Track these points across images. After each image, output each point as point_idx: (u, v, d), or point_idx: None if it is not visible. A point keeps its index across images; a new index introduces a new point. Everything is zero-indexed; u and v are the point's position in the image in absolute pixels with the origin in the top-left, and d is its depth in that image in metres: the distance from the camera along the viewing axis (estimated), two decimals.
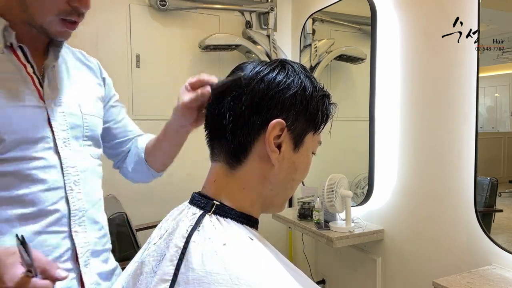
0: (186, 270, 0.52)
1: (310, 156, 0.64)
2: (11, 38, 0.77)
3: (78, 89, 0.89)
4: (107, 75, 1.02)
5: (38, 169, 0.77)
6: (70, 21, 0.79)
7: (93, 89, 0.95)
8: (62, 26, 0.79)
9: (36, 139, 0.78)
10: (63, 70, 0.88)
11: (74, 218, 0.83)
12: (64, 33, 0.81)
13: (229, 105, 0.58)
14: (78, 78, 0.92)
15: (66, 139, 0.82)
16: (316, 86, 0.61)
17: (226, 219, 0.57)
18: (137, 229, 1.96)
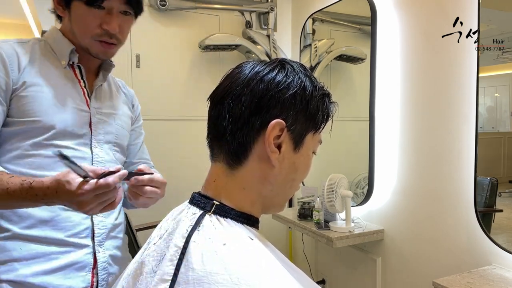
0: (186, 270, 0.52)
1: (311, 156, 0.64)
2: (74, 58, 0.98)
3: (116, 106, 1.09)
4: (137, 104, 1.22)
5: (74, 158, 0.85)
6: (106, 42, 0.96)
7: (126, 109, 1.14)
8: (100, 46, 0.96)
9: (79, 135, 0.96)
10: (107, 90, 1.08)
11: None
12: (104, 53, 0.98)
13: (228, 106, 0.58)
14: (118, 99, 1.12)
15: (100, 140, 1.01)
16: (316, 86, 0.61)
17: (226, 219, 0.57)
18: (137, 229, 1.96)
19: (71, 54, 0.98)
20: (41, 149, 0.91)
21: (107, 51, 0.99)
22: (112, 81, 1.13)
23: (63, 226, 0.92)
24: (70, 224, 0.93)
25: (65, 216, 0.93)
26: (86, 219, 0.96)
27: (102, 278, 0.98)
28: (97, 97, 1.03)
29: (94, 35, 0.94)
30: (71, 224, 0.93)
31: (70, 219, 0.93)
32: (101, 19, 0.93)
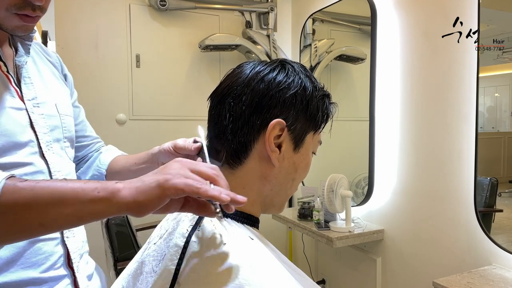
0: (187, 270, 0.52)
1: (311, 156, 0.64)
2: None
3: (50, 87, 0.84)
4: (68, 72, 0.95)
5: (28, 175, 0.72)
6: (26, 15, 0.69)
7: (61, 87, 0.89)
8: (19, 21, 0.69)
9: (23, 143, 0.72)
10: (33, 66, 0.81)
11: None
12: (22, 28, 0.72)
13: (229, 105, 0.58)
14: (47, 74, 0.85)
15: (48, 142, 0.78)
16: (316, 86, 0.61)
17: (226, 218, 0.57)
18: (137, 229, 1.96)
19: None
20: None
21: (28, 26, 0.72)
22: (34, 50, 0.84)
23: (34, 262, 0.74)
24: (42, 256, 0.75)
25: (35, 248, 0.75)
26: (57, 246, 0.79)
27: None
28: (27, 84, 0.77)
29: (10, 7, 0.67)
30: (43, 256, 0.76)
31: (41, 251, 0.75)
32: None
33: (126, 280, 0.62)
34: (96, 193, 0.47)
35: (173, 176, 0.46)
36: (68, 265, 0.81)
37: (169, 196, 0.46)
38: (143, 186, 0.47)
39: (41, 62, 0.86)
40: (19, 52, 0.78)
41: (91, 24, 2.19)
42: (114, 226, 1.73)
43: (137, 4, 2.29)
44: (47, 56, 0.90)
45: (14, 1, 0.67)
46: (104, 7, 2.22)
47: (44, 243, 0.76)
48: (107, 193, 0.47)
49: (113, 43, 2.25)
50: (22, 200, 0.46)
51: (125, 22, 2.27)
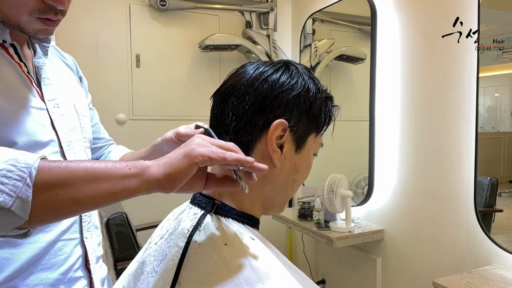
0: (187, 270, 0.52)
1: (312, 158, 0.64)
2: (4, 35, 0.72)
3: (68, 88, 0.86)
4: (81, 73, 0.97)
5: None
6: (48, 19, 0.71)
7: (78, 88, 0.91)
8: (41, 24, 0.71)
9: (44, 143, 0.74)
10: (50, 68, 0.83)
11: (84, 224, 0.82)
12: (44, 31, 0.73)
13: (232, 104, 0.58)
14: (64, 76, 0.87)
15: (69, 142, 0.80)
16: (319, 88, 0.61)
17: (227, 219, 0.57)
18: (137, 229, 1.96)
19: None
20: None
21: (49, 30, 0.73)
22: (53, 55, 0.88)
23: (54, 263, 0.75)
24: (62, 257, 0.76)
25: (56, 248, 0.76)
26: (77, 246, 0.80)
27: None
28: (46, 85, 0.79)
29: (33, 11, 0.69)
30: (63, 257, 0.77)
31: (61, 251, 0.76)
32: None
33: (127, 280, 0.62)
34: (127, 170, 0.48)
35: (198, 146, 0.49)
36: (85, 267, 0.82)
37: (197, 164, 0.47)
38: (171, 160, 0.49)
39: (58, 64, 0.87)
40: (37, 53, 0.79)
41: (91, 24, 2.19)
42: (114, 226, 1.73)
43: (137, 4, 2.29)
44: (63, 58, 0.91)
45: (38, 6, 0.68)
46: (104, 7, 2.22)
47: (64, 243, 0.77)
48: (137, 170, 0.48)
49: (113, 43, 2.25)
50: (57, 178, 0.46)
51: (125, 22, 2.27)
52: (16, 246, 0.70)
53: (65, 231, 0.78)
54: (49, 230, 0.75)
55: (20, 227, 0.46)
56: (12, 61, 0.74)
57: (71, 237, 0.79)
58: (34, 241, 0.72)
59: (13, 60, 0.74)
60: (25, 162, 0.46)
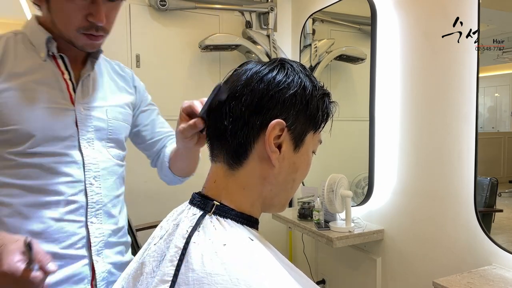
0: (186, 270, 0.52)
1: (311, 156, 0.64)
2: (53, 48, 0.89)
3: (108, 96, 0.99)
4: (139, 83, 1.12)
5: (62, 163, 0.88)
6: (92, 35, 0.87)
7: (124, 97, 1.05)
8: (86, 39, 0.87)
9: (63, 137, 0.88)
10: (98, 79, 0.98)
11: (91, 210, 0.92)
12: (90, 45, 0.90)
13: (229, 105, 0.58)
14: (111, 87, 1.02)
15: (90, 139, 0.92)
16: (316, 85, 0.61)
17: (226, 219, 0.57)
18: (137, 229, 1.96)
19: (48, 44, 0.88)
20: (26, 158, 0.85)
21: (94, 44, 0.90)
22: (105, 69, 1.02)
23: (56, 238, 0.86)
24: (64, 235, 0.87)
25: (57, 227, 0.87)
26: (81, 228, 0.90)
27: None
28: (84, 90, 0.93)
29: (79, 28, 0.85)
30: (65, 235, 0.87)
31: (63, 230, 0.87)
32: (86, 10, 0.84)
33: (126, 281, 0.62)
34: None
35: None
36: (89, 248, 0.91)
37: None
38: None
39: (108, 77, 1.02)
40: (86, 66, 0.95)
41: None
42: None
43: (137, 4, 2.29)
44: (121, 71, 1.07)
45: (82, 24, 0.85)
46: None
47: (68, 223, 0.88)
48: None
49: (113, 43, 2.25)
50: None
51: (125, 22, 2.27)
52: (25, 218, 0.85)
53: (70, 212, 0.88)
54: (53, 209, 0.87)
55: None
56: (56, 69, 0.90)
57: (75, 219, 0.89)
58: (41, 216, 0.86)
59: (59, 69, 0.90)
60: None
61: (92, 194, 0.92)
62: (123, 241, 1.02)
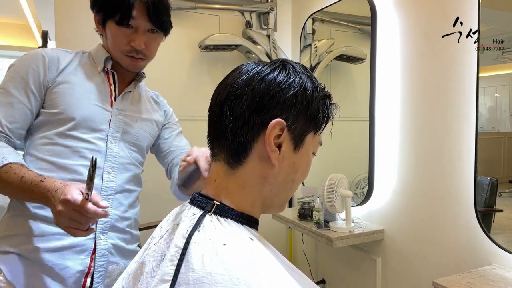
0: (187, 270, 0.52)
1: (311, 157, 0.64)
2: (108, 65, 1.13)
3: (140, 110, 1.20)
4: (168, 108, 1.34)
5: (89, 150, 1.05)
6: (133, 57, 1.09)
7: (154, 116, 1.25)
8: (129, 61, 1.10)
9: (97, 129, 1.07)
10: (136, 96, 1.20)
11: (103, 194, 1.06)
12: (132, 66, 1.12)
13: (230, 105, 0.58)
14: (146, 106, 1.23)
15: (116, 137, 1.10)
16: (317, 86, 0.61)
17: (227, 219, 0.57)
18: None
19: (105, 61, 1.12)
20: (62, 138, 1.02)
21: (135, 65, 1.12)
22: (144, 92, 1.26)
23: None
24: None
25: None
26: None
27: (100, 264, 1.04)
28: (123, 100, 1.14)
29: (124, 51, 1.08)
30: None
31: None
32: (129, 37, 1.06)
33: (127, 281, 0.62)
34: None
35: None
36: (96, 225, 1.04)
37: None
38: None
39: (145, 98, 1.25)
40: (130, 85, 1.18)
41: (91, 24, 2.18)
42: None
43: None
44: (157, 98, 1.31)
45: (127, 48, 1.08)
46: None
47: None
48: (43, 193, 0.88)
49: None
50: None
51: None
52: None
53: None
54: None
55: None
56: (106, 81, 1.12)
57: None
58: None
59: (108, 81, 1.13)
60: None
61: (107, 181, 1.07)
62: (129, 231, 1.14)
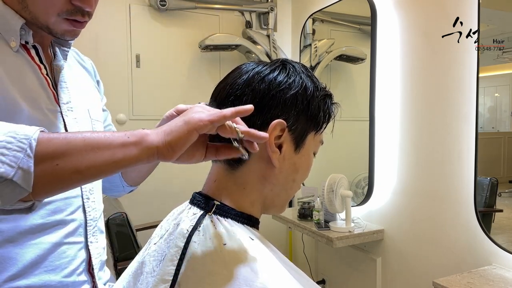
0: (187, 270, 0.52)
1: (312, 157, 0.64)
2: (28, 37, 0.73)
3: (83, 92, 0.86)
4: (99, 77, 0.98)
5: None
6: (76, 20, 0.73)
7: (94, 92, 0.92)
8: (69, 25, 0.73)
9: None
10: (68, 72, 0.84)
11: (90, 228, 0.82)
12: (71, 32, 0.75)
13: (230, 105, 0.58)
14: (81, 80, 0.88)
15: None
16: (317, 86, 0.61)
17: (227, 219, 0.57)
18: (137, 229, 1.96)
19: (21, 32, 0.72)
20: None
21: (76, 31, 0.76)
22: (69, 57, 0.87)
23: (57, 265, 0.75)
24: (66, 260, 0.76)
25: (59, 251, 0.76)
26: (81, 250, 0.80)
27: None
28: (63, 88, 0.79)
29: (62, 12, 0.71)
30: (67, 260, 0.76)
31: (65, 254, 0.76)
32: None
33: (127, 280, 0.62)
34: (126, 138, 0.48)
35: (196, 113, 0.49)
36: (88, 271, 0.81)
37: (197, 131, 0.47)
38: (170, 128, 0.48)
39: (76, 68, 0.88)
40: (57, 57, 0.81)
41: (91, 24, 2.17)
42: (114, 226, 1.73)
43: (137, 4, 2.29)
44: (81, 61, 0.93)
45: (66, 7, 0.70)
46: (104, 7, 2.21)
47: (69, 246, 0.77)
48: (136, 138, 0.48)
49: (113, 43, 2.25)
50: (57, 149, 0.47)
51: (125, 22, 2.27)
52: (20, 245, 0.71)
53: (70, 234, 0.77)
54: (53, 232, 0.75)
55: (25, 199, 0.46)
56: (32, 62, 0.75)
57: (76, 241, 0.79)
58: (39, 242, 0.72)
59: (34, 61, 0.75)
60: (24, 134, 0.46)
61: (89, 210, 0.82)
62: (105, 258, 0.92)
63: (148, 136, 0.48)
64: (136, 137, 0.48)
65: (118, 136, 0.48)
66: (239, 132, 0.49)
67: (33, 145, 0.46)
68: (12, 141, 0.45)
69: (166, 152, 0.47)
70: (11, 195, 0.45)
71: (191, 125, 0.47)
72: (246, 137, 0.49)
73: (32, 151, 0.45)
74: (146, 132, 0.49)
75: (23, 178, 0.45)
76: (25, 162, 0.45)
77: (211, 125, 0.47)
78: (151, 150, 0.48)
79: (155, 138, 0.48)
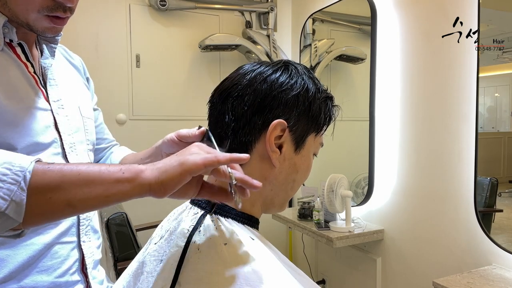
0: (187, 270, 0.52)
1: (312, 158, 0.64)
2: (12, 35, 0.71)
3: (73, 89, 0.85)
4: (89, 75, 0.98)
5: None
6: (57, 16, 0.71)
7: (84, 90, 0.91)
8: (49, 22, 0.71)
9: (47, 144, 0.74)
10: (57, 68, 0.83)
11: (82, 228, 0.81)
12: (52, 29, 0.73)
13: (231, 105, 0.58)
14: (70, 77, 0.87)
15: (72, 143, 0.79)
16: (319, 88, 0.61)
17: (227, 219, 0.57)
18: (137, 229, 1.96)
19: (4, 30, 0.70)
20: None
21: (58, 28, 0.73)
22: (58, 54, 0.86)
23: (50, 266, 0.74)
24: (58, 260, 0.76)
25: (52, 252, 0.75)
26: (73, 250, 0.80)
27: None
28: (52, 85, 0.78)
29: (42, 9, 0.69)
30: (59, 260, 0.76)
31: (57, 254, 0.76)
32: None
33: (127, 280, 0.62)
34: (121, 174, 0.48)
35: (192, 154, 0.48)
36: (82, 271, 0.81)
37: (189, 173, 0.47)
38: (165, 166, 0.48)
39: (64, 65, 0.87)
40: (44, 54, 0.80)
41: (91, 24, 2.19)
42: (114, 226, 1.73)
43: (137, 4, 2.29)
44: (70, 59, 0.91)
45: (46, 3, 0.68)
46: (104, 7, 2.22)
47: (61, 246, 0.76)
48: (131, 174, 0.48)
49: (113, 43, 2.25)
50: (51, 182, 0.47)
51: (125, 22, 2.27)
52: (12, 247, 0.70)
53: (62, 234, 0.77)
54: (45, 233, 0.74)
55: (14, 228, 0.47)
56: (18, 61, 0.73)
57: (68, 240, 0.78)
58: (30, 243, 0.71)
59: (20, 59, 0.73)
60: (19, 165, 0.46)
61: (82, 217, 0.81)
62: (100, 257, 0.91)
63: (143, 173, 0.48)
64: (131, 173, 0.48)
65: (113, 171, 0.48)
66: (232, 178, 0.48)
67: (27, 178, 0.46)
68: (8, 173, 0.45)
69: (158, 190, 0.47)
70: (1, 225, 0.45)
71: (185, 167, 0.47)
72: (239, 183, 0.49)
73: (26, 184, 0.45)
74: (141, 169, 0.48)
75: (15, 210, 0.45)
76: (18, 195, 0.45)
77: (204, 169, 0.47)
78: (144, 187, 0.48)
79: (149, 175, 0.48)
